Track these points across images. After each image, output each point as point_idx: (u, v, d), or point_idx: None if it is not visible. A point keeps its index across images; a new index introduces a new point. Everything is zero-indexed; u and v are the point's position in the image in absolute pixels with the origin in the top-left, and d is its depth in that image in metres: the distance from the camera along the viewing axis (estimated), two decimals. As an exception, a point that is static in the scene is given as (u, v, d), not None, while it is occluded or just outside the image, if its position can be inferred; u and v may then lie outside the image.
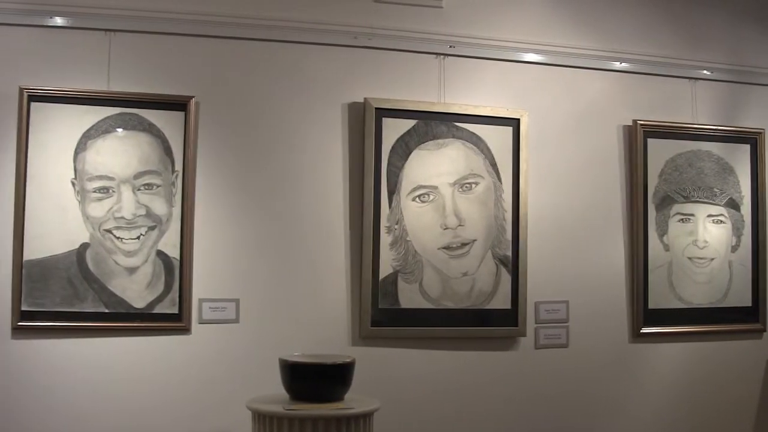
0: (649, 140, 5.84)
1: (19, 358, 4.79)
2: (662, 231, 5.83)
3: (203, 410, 5.00)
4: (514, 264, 5.48)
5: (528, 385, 5.55)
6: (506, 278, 5.47)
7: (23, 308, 4.78)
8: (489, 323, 5.44)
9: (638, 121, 5.80)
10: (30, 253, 4.80)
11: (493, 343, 5.49)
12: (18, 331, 4.77)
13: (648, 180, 5.82)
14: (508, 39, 5.61)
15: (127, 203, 4.91)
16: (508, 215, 5.49)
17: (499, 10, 5.64)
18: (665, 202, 5.84)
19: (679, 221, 5.87)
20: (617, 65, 5.84)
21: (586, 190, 5.73)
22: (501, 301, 5.46)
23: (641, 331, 5.77)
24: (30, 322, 4.79)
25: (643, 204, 5.80)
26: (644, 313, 5.78)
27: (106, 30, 5.00)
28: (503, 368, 5.51)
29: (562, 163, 5.69)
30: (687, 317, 5.87)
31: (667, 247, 5.83)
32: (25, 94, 4.83)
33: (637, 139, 5.79)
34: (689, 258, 5.87)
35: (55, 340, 4.83)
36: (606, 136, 5.81)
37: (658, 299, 5.82)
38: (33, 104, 4.85)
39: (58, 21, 4.96)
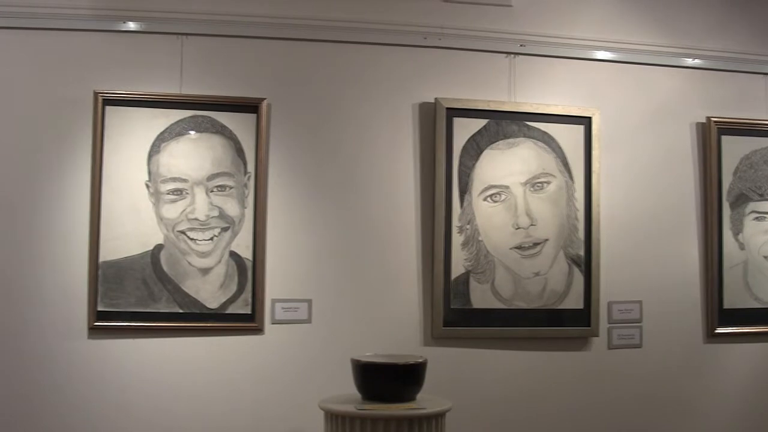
0: (723, 137, 5.64)
1: (95, 357, 4.81)
2: (737, 229, 5.63)
3: (275, 410, 4.98)
4: (586, 263, 5.35)
5: (600, 386, 5.42)
6: (579, 278, 5.34)
7: (99, 309, 4.80)
8: (561, 323, 5.33)
9: (712, 118, 5.62)
10: (106, 254, 4.81)
11: (565, 344, 5.37)
12: (94, 331, 4.80)
13: (722, 178, 5.63)
14: (578, 37, 5.49)
15: (201, 205, 4.89)
16: (581, 214, 5.36)
17: (569, 7, 5.53)
18: (740, 200, 5.64)
19: (754, 219, 5.66)
20: (690, 62, 5.66)
21: (659, 189, 5.57)
22: (573, 301, 5.33)
23: (716, 331, 5.58)
24: (106, 322, 4.80)
25: (718, 202, 5.61)
26: (719, 313, 5.59)
27: (178, 34, 5.00)
28: (575, 369, 5.39)
29: (635, 161, 5.54)
30: (763, 317, 5.66)
31: (742, 246, 5.63)
32: (100, 98, 4.84)
33: (711, 136, 5.60)
34: (765, 257, 5.65)
35: (130, 340, 4.85)
36: (679, 134, 5.65)
37: (733, 299, 5.62)
38: (107, 108, 4.86)
39: (132, 26, 4.98)
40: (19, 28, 4.86)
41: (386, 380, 4.43)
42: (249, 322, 4.94)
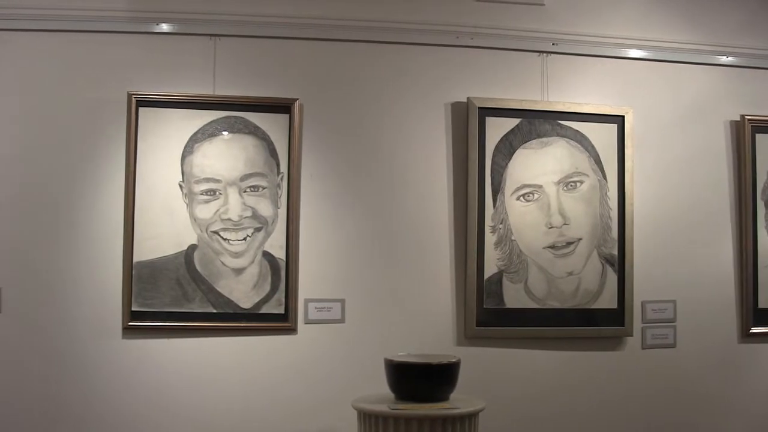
0: (758, 135, 5.56)
1: (130, 357, 4.83)
2: (772, 228, 5.56)
3: (309, 409, 4.96)
4: (620, 263, 5.29)
5: (634, 386, 5.36)
6: (612, 277, 5.28)
7: (133, 308, 4.81)
8: (595, 323, 5.27)
9: (746, 116, 5.53)
10: (140, 254, 4.81)
11: (599, 343, 5.32)
12: (128, 331, 4.81)
13: (756, 176, 5.55)
14: (611, 35, 5.43)
15: (234, 205, 4.88)
16: (614, 213, 5.30)
17: (602, 5, 5.47)
18: (775, 198, 5.58)
19: (789, 217, 5.59)
20: (723, 59, 5.59)
21: (693, 187, 5.50)
22: (607, 300, 5.27)
23: (751, 331, 5.50)
24: (140, 322, 4.81)
25: (752, 201, 5.53)
26: (754, 313, 5.51)
27: (211, 35, 5.01)
28: (609, 368, 5.33)
29: (668, 159, 5.48)
30: (800, 317, 5.58)
31: (777, 245, 5.55)
32: (134, 100, 4.85)
33: (745, 134, 5.52)
34: (801, 256, 5.57)
35: (164, 339, 4.86)
36: (713, 132, 5.57)
37: (768, 298, 5.54)
38: (141, 109, 4.86)
39: (165, 27, 4.99)
40: (55, 31, 4.88)
41: (419, 380, 4.40)
42: (282, 322, 4.93)
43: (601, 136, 5.30)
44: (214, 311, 4.86)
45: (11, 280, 4.76)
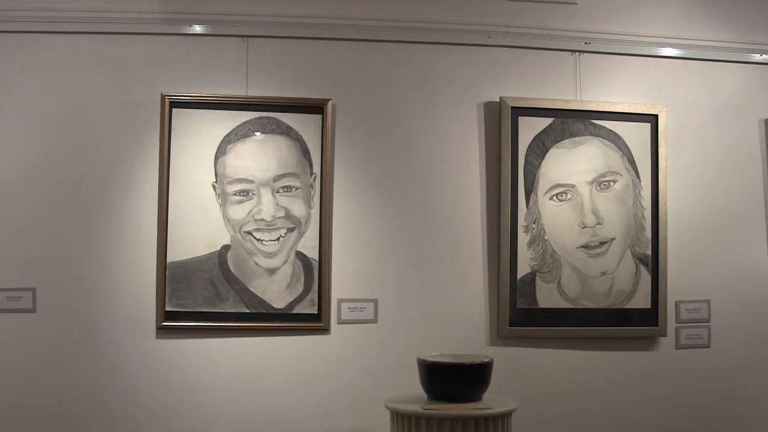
0: (792, 133, 5.51)
1: (163, 357, 4.84)
2: (807, 227, 5.48)
3: (342, 409, 4.95)
4: (653, 262, 5.23)
5: (668, 386, 5.30)
6: (646, 277, 5.22)
7: (167, 308, 4.81)
8: (628, 323, 5.22)
9: (781, 115, 5.48)
10: (173, 255, 4.81)
11: (632, 343, 5.26)
12: (162, 331, 4.82)
13: (791, 174, 5.49)
14: (644, 34, 5.37)
15: (267, 205, 4.87)
16: (647, 213, 5.24)
17: (634, 4, 5.41)
18: (810, 196, 5.50)
19: (824, 216, 5.51)
20: (758, 57, 5.51)
21: (728, 186, 5.44)
22: (641, 300, 5.22)
23: (786, 330, 5.44)
24: (173, 322, 4.82)
25: (787, 199, 5.48)
26: (790, 312, 5.44)
27: (243, 36, 5.01)
28: (643, 369, 5.28)
29: (702, 159, 5.42)
30: (835, 315, 5.49)
31: (812, 243, 5.48)
32: (167, 101, 4.85)
33: (780, 132, 5.48)
34: (836, 254, 5.49)
35: (198, 339, 4.86)
36: (747, 131, 5.50)
37: (804, 297, 5.46)
38: (174, 110, 4.87)
39: (197, 29, 4.99)
40: (89, 33, 4.91)
41: (452, 380, 4.37)
42: (315, 322, 4.91)
43: (635, 136, 5.25)
44: (248, 311, 4.86)
45: (46, 281, 4.77)
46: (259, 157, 4.89)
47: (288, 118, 4.94)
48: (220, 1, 5.00)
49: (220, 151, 4.87)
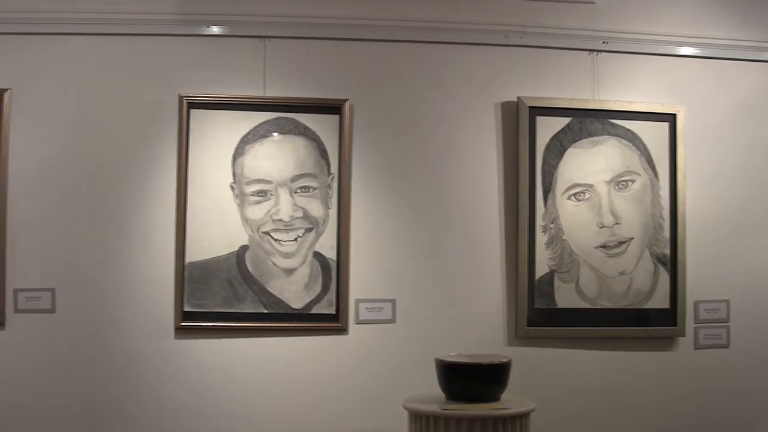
0: (811, 133, 5.46)
1: (182, 357, 4.85)
2: (827, 226, 5.43)
3: (359, 409, 4.95)
4: (672, 262, 5.20)
5: (687, 386, 5.27)
6: (664, 277, 5.19)
7: (186, 309, 4.82)
8: (647, 323, 5.19)
9: (799, 114, 5.45)
10: (192, 255, 4.82)
11: (651, 344, 5.23)
12: (180, 331, 4.83)
13: (811, 173, 5.45)
14: (662, 33, 5.34)
15: (285, 206, 4.87)
16: (666, 213, 5.21)
17: (652, 3, 5.37)
18: (829, 195, 5.45)
19: None
20: (776, 56, 5.49)
21: (747, 186, 5.39)
22: (659, 300, 5.19)
23: (805, 330, 5.41)
24: (192, 322, 4.82)
25: (806, 199, 5.44)
26: (808, 312, 5.41)
27: (260, 37, 5.00)
28: (662, 369, 5.25)
29: (721, 158, 5.38)
30: None
31: (833, 243, 5.43)
32: (185, 102, 4.86)
33: (799, 131, 5.43)
34: None
35: (216, 339, 4.86)
36: (765, 130, 5.45)
37: (824, 297, 5.42)
38: (192, 111, 4.88)
39: (215, 30, 5.00)
40: (107, 35, 4.91)
41: (470, 380, 4.37)
42: (333, 322, 4.91)
43: (653, 135, 5.22)
44: (266, 311, 4.86)
45: (65, 281, 4.78)
46: (276, 158, 4.89)
47: (305, 119, 4.93)
48: (237, 2, 5.00)
49: (238, 152, 4.87)
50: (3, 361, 4.74)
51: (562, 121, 5.13)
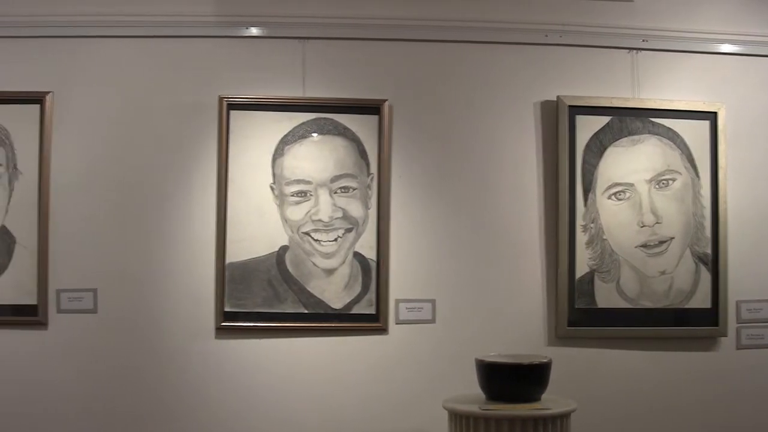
0: None
1: (222, 357, 4.85)
2: None
3: (399, 409, 4.93)
4: (713, 262, 5.13)
5: (729, 387, 5.19)
6: (706, 276, 5.12)
7: (226, 309, 4.83)
8: (688, 323, 5.12)
9: (841, 111, 5.36)
10: (232, 255, 4.82)
11: (692, 344, 5.17)
12: (221, 331, 4.84)
13: None
14: (702, 30, 5.28)
15: (325, 206, 4.86)
16: (707, 212, 5.15)
17: (691, 0, 5.32)
18: None
19: None
20: (818, 53, 5.42)
21: (787, 184, 5.34)
22: (700, 300, 5.12)
23: None
24: (232, 322, 4.83)
25: None
26: None
27: (300, 38, 5.00)
28: (703, 369, 5.17)
29: (763, 156, 5.29)
30: None
31: None
32: (225, 103, 4.86)
33: (841, 129, 5.35)
34: None
35: (256, 340, 4.87)
36: (808, 127, 5.40)
37: None
38: (232, 112, 4.88)
39: (254, 31, 5.00)
40: (147, 37, 4.94)
41: (511, 380, 4.34)
42: (373, 323, 4.90)
43: (694, 133, 5.16)
44: (306, 312, 4.85)
45: (107, 282, 4.81)
46: (316, 158, 4.88)
47: (345, 119, 4.92)
48: (276, 4, 5.00)
49: (278, 153, 4.87)
50: (45, 361, 4.78)
51: (602, 120, 5.08)
